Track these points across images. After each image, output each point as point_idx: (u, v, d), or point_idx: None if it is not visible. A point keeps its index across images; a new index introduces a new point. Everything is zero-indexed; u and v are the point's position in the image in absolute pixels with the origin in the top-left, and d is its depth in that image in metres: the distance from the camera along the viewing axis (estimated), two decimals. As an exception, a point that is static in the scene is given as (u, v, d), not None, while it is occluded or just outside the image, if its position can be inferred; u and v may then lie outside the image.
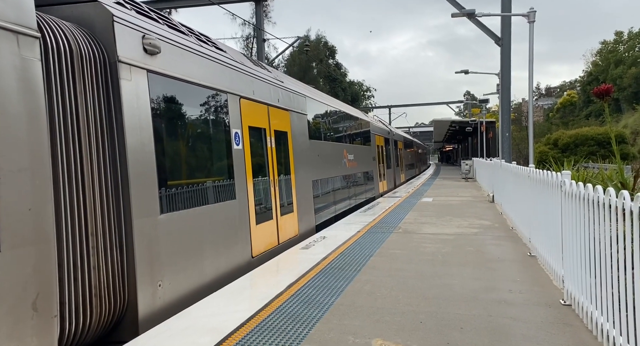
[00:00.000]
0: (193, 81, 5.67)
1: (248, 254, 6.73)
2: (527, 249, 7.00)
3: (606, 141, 28.02)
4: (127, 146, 4.42)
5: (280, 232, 8.06)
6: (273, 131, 8.11)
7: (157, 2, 27.54)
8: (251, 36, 42.90)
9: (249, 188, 6.92)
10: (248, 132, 7.06)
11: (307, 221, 9.62)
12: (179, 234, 5.10)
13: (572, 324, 4.02)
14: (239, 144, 6.73)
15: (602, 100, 6.29)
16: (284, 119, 8.76)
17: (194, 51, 5.79)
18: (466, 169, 27.36)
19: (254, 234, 6.99)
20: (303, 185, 9.55)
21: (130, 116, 4.49)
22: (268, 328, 4.11)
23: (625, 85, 45.95)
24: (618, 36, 54.86)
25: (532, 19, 12.25)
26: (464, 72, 26.91)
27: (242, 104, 6.95)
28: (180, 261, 5.08)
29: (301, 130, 9.76)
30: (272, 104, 8.18)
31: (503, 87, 16.25)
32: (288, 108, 9.01)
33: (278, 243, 7.89)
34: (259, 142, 7.54)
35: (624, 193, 3.12)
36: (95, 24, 4.43)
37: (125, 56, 4.50)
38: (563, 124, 50.12)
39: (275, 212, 7.95)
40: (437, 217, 10.76)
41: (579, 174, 7.65)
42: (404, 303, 4.69)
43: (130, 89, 4.53)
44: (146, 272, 4.53)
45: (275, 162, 8.08)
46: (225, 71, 6.55)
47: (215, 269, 5.79)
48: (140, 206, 4.52)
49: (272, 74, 8.95)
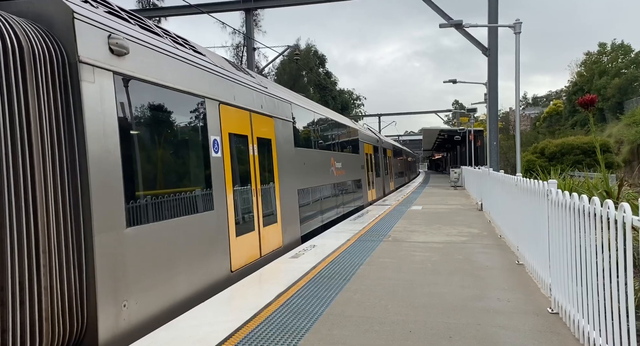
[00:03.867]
0: (166, 84, 5.35)
1: (227, 269, 6.37)
2: (515, 257, 7.05)
3: (591, 150, 28.46)
4: (88, 153, 4.06)
5: (262, 244, 7.71)
6: (256, 138, 7.80)
7: (146, 11, 27.49)
8: (241, 45, 43.00)
9: (229, 198, 6.58)
10: (228, 140, 6.75)
11: (291, 231, 9.31)
12: (148, 249, 4.74)
13: (559, 332, 4.05)
14: (218, 152, 6.40)
15: (587, 110, 6.42)
16: (268, 126, 8.45)
17: (168, 53, 5.47)
18: (455, 177, 27.59)
19: (234, 247, 6.63)
20: (288, 194, 9.23)
21: (93, 121, 4.14)
22: (257, 339, 4.06)
23: (609, 95, 46.85)
24: (602, 48, 56.05)
25: (518, 30, 12.47)
26: (452, 82, 27.22)
27: (222, 110, 6.64)
28: (149, 278, 4.72)
29: (286, 137, 9.45)
30: (255, 110, 7.89)
31: (490, 96, 16.47)
32: (272, 115, 8.69)
33: (260, 255, 7.56)
34: (240, 150, 7.24)
35: (608, 202, 3.17)
36: (54, 21, 4.08)
37: (88, 56, 4.16)
38: (550, 133, 50.83)
39: (258, 223, 7.60)
40: (427, 225, 10.81)
41: (565, 183, 7.76)
42: (394, 312, 4.69)
43: (93, 92, 4.19)
44: (108, 291, 4.16)
45: (258, 171, 7.77)
46: (203, 74, 6.24)
47: (190, 286, 5.43)
48: (103, 219, 4.16)
49: (255, 79, 8.70)
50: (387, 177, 25.99)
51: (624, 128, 36.00)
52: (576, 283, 3.87)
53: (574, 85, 59.26)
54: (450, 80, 27.10)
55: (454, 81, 27.13)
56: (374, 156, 21.05)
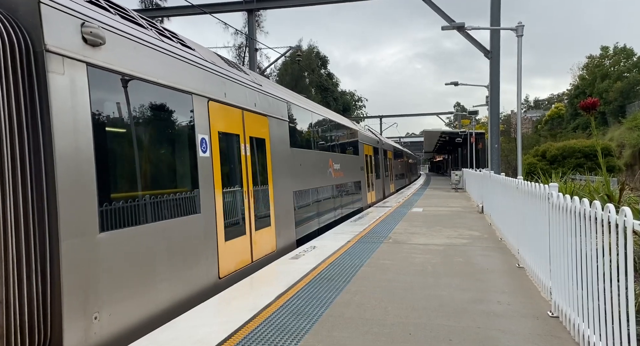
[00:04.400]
0: (149, 78, 4.98)
1: (214, 275, 6.03)
2: (515, 260, 7.04)
3: (593, 154, 28.44)
4: (55, 151, 3.71)
5: (254, 248, 7.35)
6: (248, 138, 7.44)
7: (149, 11, 27.56)
8: (243, 45, 43.05)
9: (218, 200, 6.23)
10: (218, 139, 6.39)
11: (286, 235, 8.92)
12: (125, 255, 4.40)
13: (559, 336, 4.04)
14: (206, 152, 6.04)
15: (589, 113, 6.41)
16: (262, 125, 8.09)
17: (151, 46, 5.12)
18: (456, 179, 27.57)
19: (223, 252, 6.28)
20: (282, 196, 8.85)
21: (61, 117, 3.79)
22: (256, 340, 4.06)
23: (611, 99, 46.84)
24: (604, 51, 56.03)
25: (520, 33, 12.48)
26: (454, 84, 27.20)
27: (211, 107, 6.30)
28: (126, 287, 4.38)
29: (281, 137, 9.07)
30: (248, 109, 7.52)
31: (492, 99, 16.47)
32: (266, 113, 8.34)
33: (252, 260, 7.21)
34: (231, 149, 6.87)
35: (609, 206, 3.16)
36: (18, 6, 3.73)
37: (56, 45, 3.79)
38: (551, 136, 50.83)
39: (249, 226, 7.24)
40: (427, 227, 10.80)
41: (566, 186, 7.74)
42: (393, 314, 4.68)
43: (63, 84, 3.84)
44: (77, 303, 3.82)
45: (250, 172, 7.39)
46: (191, 69, 5.90)
47: (172, 295, 5.09)
48: (72, 223, 3.80)
49: (249, 76, 8.31)
50: (387, 179, 25.78)
51: (625, 132, 35.98)
52: (577, 286, 3.86)
53: (576, 88, 59.25)
54: (452, 82, 27.08)
55: (455, 84, 27.11)
56: (373, 158, 20.81)
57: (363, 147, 18.50)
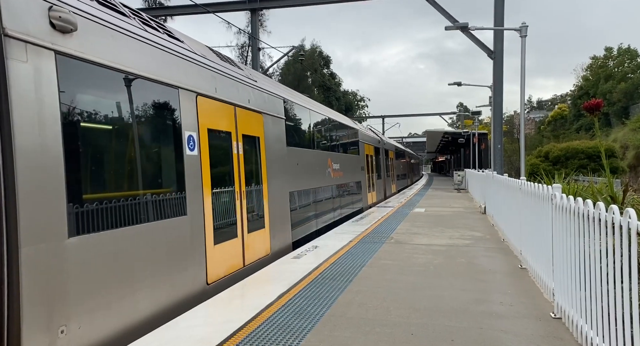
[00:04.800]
0: (128, 70, 4.59)
1: (201, 281, 5.63)
2: (518, 261, 7.02)
3: (596, 155, 28.36)
4: (15, 148, 3.35)
5: (246, 252, 6.96)
6: (241, 136, 7.06)
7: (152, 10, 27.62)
8: (246, 45, 43.07)
9: (206, 201, 5.85)
10: (207, 136, 6.03)
11: (281, 238, 8.49)
12: (99, 262, 4.03)
13: (562, 338, 4.03)
14: (194, 150, 5.68)
15: (592, 114, 6.38)
16: (256, 123, 7.70)
17: (131, 35, 4.73)
18: (458, 180, 27.51)
19: (211, 257, 5.90)
20: (278, 197, 8.47)
21: (24, 109, 3.44)
22: (258, 339, 4.06)
23: (614, 100, 46.70)
24: (608, 52, 55.85)
25: (524, 33, 12.44)
26: (457, 84, 27.17)
27: (200, 103, 5.93)
28: (99, 296, 4.00)
29: (277, 136, 8.68)
30: (241, 105, 7.14)
31: (495, 99, 16.43)
32: (261, 110, 7.95)
33: (243, 265, 6.82)
34: (221, 147, 6.51)
35: (613, 207, 3.15)
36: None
37: (17, 30, 3.43)
38: (554, 137, 50.71)
39: (241, 229, 6.85)
40: (429, 228, 10.78)
41: (569, 187, 7.71)
42: (395, 314, 4.67)
43: (26, 73, 3.48)
44: (39, 316, 3.44)
45: (242, 172, 7.01)
46: (177, 62, 5.54)
47: (154, 304, 4.69)
48: (35, 227, 3.43)
49: (243, 72, 7.96)
50: (389, 179, 25.37)
51: (629, 133, 35.85)
52: (580, 288, 3.85)
53: (580, 89, 59.09)
54: (455, 82, 27.07)
55: (459, 84, 27.08)
56: (374, 157, 20.51)
57: (364, 146, 18.20)
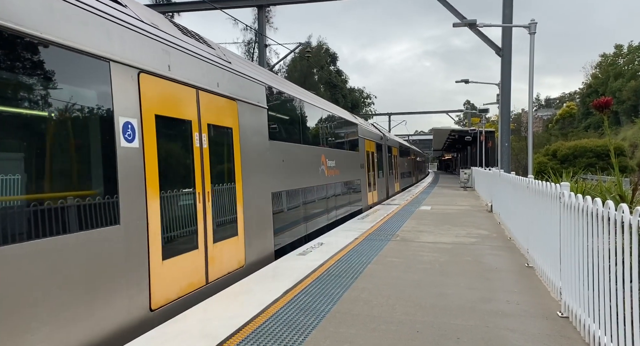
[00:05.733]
0: (29, 32, 3.53)
1: (142, 308, 4.50)
2: (525, 260, 6.98)
3: (605, 153, 28.13)
4: None
5: (211, 266, 5.83)
6: (206, 126, 5.97)
7: (160, 6, 27.70)
8: (253, 41, 43.11)
9: (152, 205, 4.71)
10: (155, 124, 4.89)
11: (260, 246, 7.36)
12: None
13: (569, 337, 4.00)
14: (133, 141, 4.52)
15: (602, 112, 6.31)
16: (228, 112, 6.57)
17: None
18: (465, 178, 27.39)
19: (158, 275, 4.76)
20: (256, 199, 7.35)
21: None
22: (264, 335, 4.08)
23: (624, 98, 46.23)
24: (618, 49, 55.27)
25: (533, 30, 12.33)
26: (465, 82, 27.02)
27: (145, 82, 4.78)
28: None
29: (256, 127, 7.52)
30: (207, 89, 6.03)
31: (503, 97, 16.32)
32: (235, 97, 6.80)
33: (207, 282, 5.70)
34: (176, 139, 5.39)
35: (623, 206, 3.11)
36: None
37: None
38: (562, 135, 50.36)
39: (204, 238, 5.73)
40: (435, 226, 10.75)
41: (577, 186, 7.65)
42: (401, 312, 4.67)
43: None
44: None
45: (207, 169, 5.91)
46: (109, 27, 4.35)
47: (64, 341, 3.64)
48: None
49: (215, 51, 6.78)
50: (392, 177, 24.26)
51: (638, 131, 35.50)
52: (587, 287, 3.82)
53: (588, 87, 58.58)
54: (462, 80, 26.92)
55: (466, 81, 26.95)
56: (376, 154, 19.47)
57: (364, 142, 17.12)
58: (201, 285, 5.60)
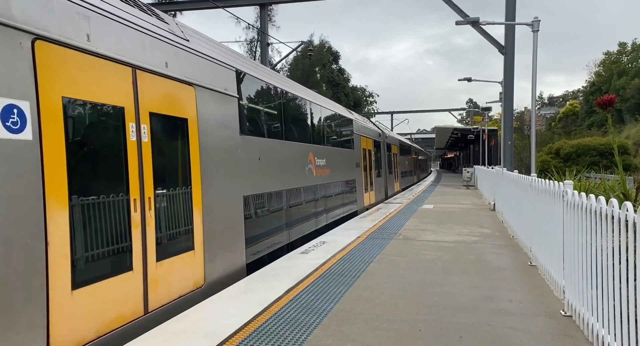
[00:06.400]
0: None
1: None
2: (527, 258, 6.96)
3: (608, 152, 28.02)
4: None
5: (152, 291, 4.70)
6: (147, 115, 4.81)
7: (162, 5, 27.71)
8: (255, 40, 43.09)
9: (54, 218, 3.65)
10: (62, 110, 3.82)
11: (226, 260, 6.23)
12: None
13: (572, 335, 3.99)
14: (23, 130, 3.48)
15: (605, 110, 6.28)
16: (182, 99, 5.45)
17: None
18: (467, 176, 27.34)
19: (64, 308, 3.69)
20: (222, 204, 6.24)
21: None
22: (266, 333, 4.08)
23: (628, 96, 46.02)
24: (622, 47, 55.02)
25: (536, 28, 12.27)
26: (467, 80, 26.95)
27: (44, 53, 3.68)
28: None
29: (223, 120, 6.43)
30: (149, 69, 4.85)
31: (506, 95, 16.26)
32: (193, 82, 5.69)
33: (146, 311, 4.59)
34: (98, 130, 4.30)
35: (626, 204, 3.10)
36: None
37: None
38: (565, 133, 50.20)
39: (142, 256, 4.59)
40: (438, 224, 10.73)
41: (580, 184, 7.61)
42: (403, 310, 4.66)
43: None
44: None
45: (149, 169, 4.77)
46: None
47: None
48: None
49: (167, 26, 5.58)
50: (391, 177, 23.03)
51: (642, 130, 35.34)
52: (591, 286, 3.81)
53: (592, 85, 58.37)
54: (465, 78, 26.85)
55: (469, 79, 26.87)
56: (374, 153, 18.31)
57: (360, 140, 15.95)
58: (137, 316, 4.45)
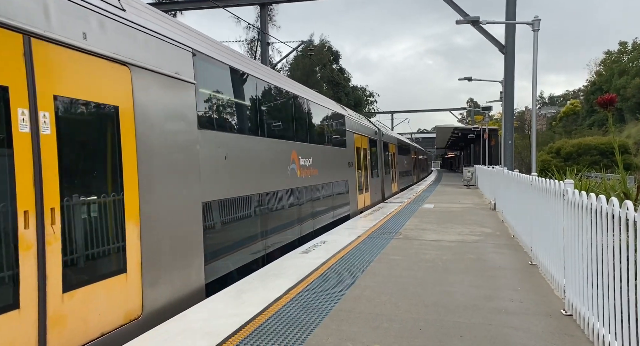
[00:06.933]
0: None
1: None
2: (528, 257, 6.96)
3: (609, 151, 28.00)
4: None
5: (54, 331, 3.60)
6: (52, 99, 3.75)
7: (162, 4, 27.71)
8: (255, 40, 43.08)
9: None
10: None
11: (175, 281, 5.14)
12: None
13: (573, 334, 3.98)
14: None
15: (606, 110, 6.27)
16: (109, 81, 4.38)
17: None
18: (468, 176, 27.33)
19: None
20: (171, 213, 5.15)
21: None
22: (266, 333, 4.07)
23: (629, 95, 45.99)
24: (622, 46, 54.97)
25: (536, 27, 12.25)
26: (468, 79, 26.92)
27: None
28: None
29: (174, 109, 5.36)
30: (53, 38, 3.79)
31: (506, 94, 16.25)
32: (128, 61, 4.62)
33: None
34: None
35: (627, 203, 3.09)
36: None
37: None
38: (566, 133, 50.16)
39: (38, 287, 3.50)
40: (438, 224, 10.73)
41: (581, 184, 7.61)
42: (404, 309, 4.66)
43: None
44: None
45: (54, 171, 3.71)
46: None
47: None
48: None
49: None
50: (389, 177, 21.94)
51: (643, 129, 35.30)
52: (591, 285, 3.80)
53: (593, 84, 58.32)
54: (465, 77, 26.82)
55: (469, 79, 26.84)
56: (369, 152, 17.29)
57: (353, 137, 14.77)
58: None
